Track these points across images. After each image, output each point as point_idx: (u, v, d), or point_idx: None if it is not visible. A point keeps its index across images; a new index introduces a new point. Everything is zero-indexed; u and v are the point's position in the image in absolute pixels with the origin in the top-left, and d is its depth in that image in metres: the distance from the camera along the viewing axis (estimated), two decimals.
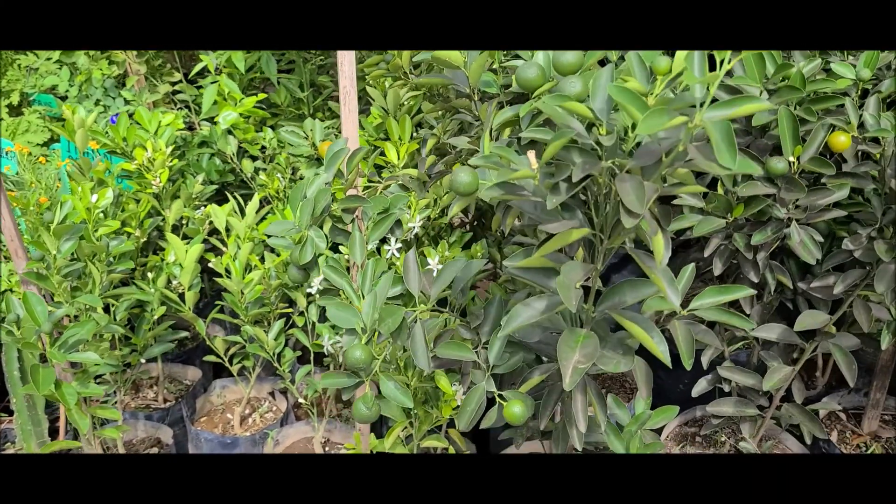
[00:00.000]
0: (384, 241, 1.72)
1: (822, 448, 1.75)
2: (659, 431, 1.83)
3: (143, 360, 1.82)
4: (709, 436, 1.81)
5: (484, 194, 0.94)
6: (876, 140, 1.24)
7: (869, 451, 1.77)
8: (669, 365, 0.98)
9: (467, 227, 2.11)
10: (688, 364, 1.04)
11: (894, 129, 1.14)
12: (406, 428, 1.57)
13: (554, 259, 0.98)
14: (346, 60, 1.36)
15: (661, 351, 0.99)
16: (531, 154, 0.87)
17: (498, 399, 1.16)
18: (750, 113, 0.81)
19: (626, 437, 1.31)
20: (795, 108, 1.21)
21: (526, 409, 1.15)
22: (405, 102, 1.91)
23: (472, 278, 1.22)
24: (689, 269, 1.12)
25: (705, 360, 1.59)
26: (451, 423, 1.64)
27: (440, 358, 1.21)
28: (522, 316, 1.01)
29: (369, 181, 1.75)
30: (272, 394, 2.07)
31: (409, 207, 1.74)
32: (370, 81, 1.88)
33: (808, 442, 1.60)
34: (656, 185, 0.88)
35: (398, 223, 1.29)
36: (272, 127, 2.21)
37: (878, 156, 1.22)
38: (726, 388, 1.58)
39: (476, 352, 1.19)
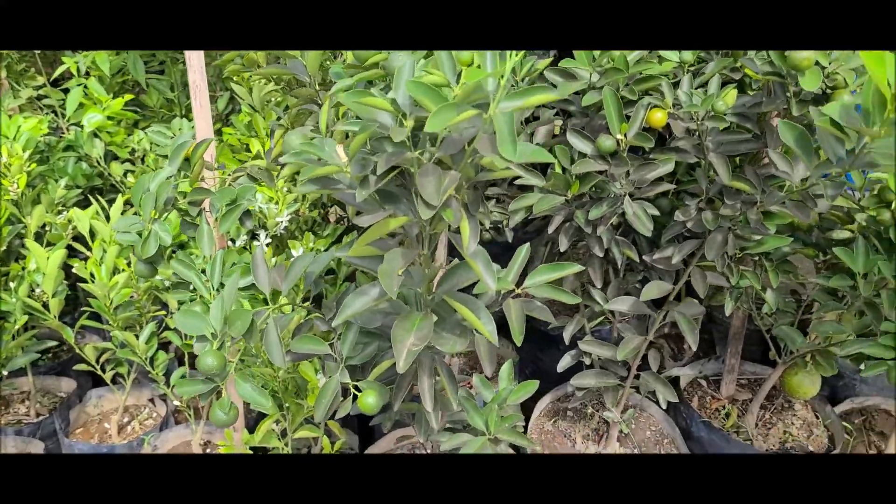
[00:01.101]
0: (255, 236, 1.72)
1: (682, 413, 1.86)
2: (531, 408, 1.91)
3: (5, 373, 1.76)
4: (578, 409, 1.89)
5: (300, 189, 0.96)
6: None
7: (724, 413, 1.90)
8: (495, 342, 1.04)
9: (346, 220, 2.13)
10: (518, 340, 1.09)
11: (703, 105, 1.23)
12: (280, 421, 1.59)
13: (380, 246, 1.01)
14: (194, 56, 1.35)
15: (489, 331, 1.03)
16: (339, 147, 0.90)
17: (353, 390, 1.19)
18: (539, 102, 0.86)
19: (486, 412, 1.37)
20: (621, 89, 1.29)
21: (379, 399, 1.19)
22: (272, 98, 1.91)
23: (322, 270, 1.24)
24: (524, 249, 1.18)
25: (567, 336, 1.67)
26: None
27: (297, 352, 1.22)
28: (356, 304, 1.04)
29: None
30: (152, 400, 2.03)
31: (276, 202, 1.74)
32: (233, 78, 1.87)
33: (664, 407, 1.70)
34: (462, 174, 0.93)
35: (248, 213, 1.29)
36: (144, 129, 2.17)
37: (698, 131, 1.31)
38: (587, 361, 1.66)
39: (332, 344, 1.21)
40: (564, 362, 1.68)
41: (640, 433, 1.84)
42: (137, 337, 1.74)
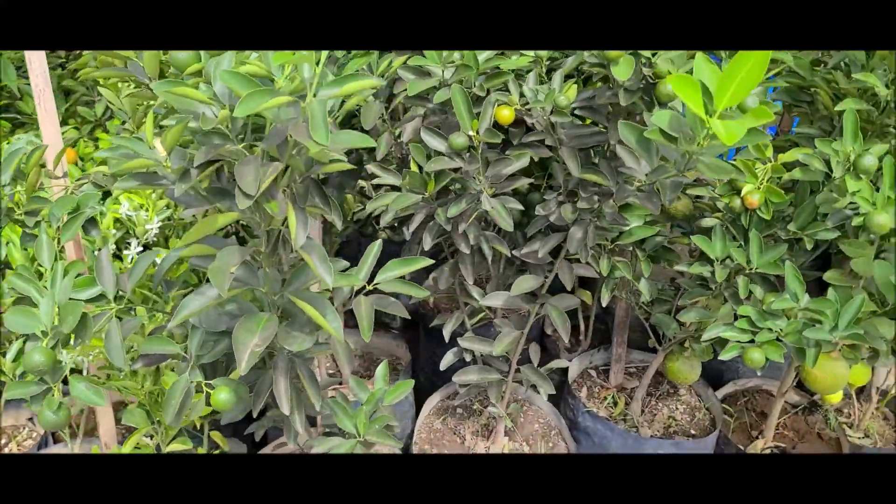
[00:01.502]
0: (126, 245, 1.66)
1: (569, 404, 1.89)
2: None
3: None
4: (468, 406, 1.90)
5: (117, 186, 0.93)
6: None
7: (609, 400, 1.94)
8: (341, 340, 1.02)
9: None
10: (367, 336, 1.09)
11: (546, 101, 1.25)
12: (154, 435, 1.53)
13: (215, 244, 0.99)
14: (35, 58, 1.30)
15: (335, 328, 1.02)
16: (157, 141, 0.88)
17: (205, 388, 1.15)
18: (356, 90, 0.85)
19: (356, 414, 1.35)
20: (474, 86, 1.30)
21: (234, 395, 1.16)
22: (145, 102, 1.85)
23: (167, 272, 1.21)
24: (375, 245, 1.17)
25: (447, 333, 1.67)
26: (215, 424, 1.61)
27: (149, 355, 1.18)
28: (193, 304, 1.01)
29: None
30: (31, 419, 1.94)
31: (146, 209, 1.69)
32: (100, 81, 1.80)
33: (545, 398, 1.72)
34: (292, 166, 0.92)
35: (93, 222, 1.24)
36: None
37: (550, 126, 1.33)
38: (468, 358, 1.67)
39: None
40: (447, 360, 1.68)
41: (529, 426, 1.86)
42: (4, 355, 1.66)
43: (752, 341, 1.39)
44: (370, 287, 1.15)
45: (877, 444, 1.97)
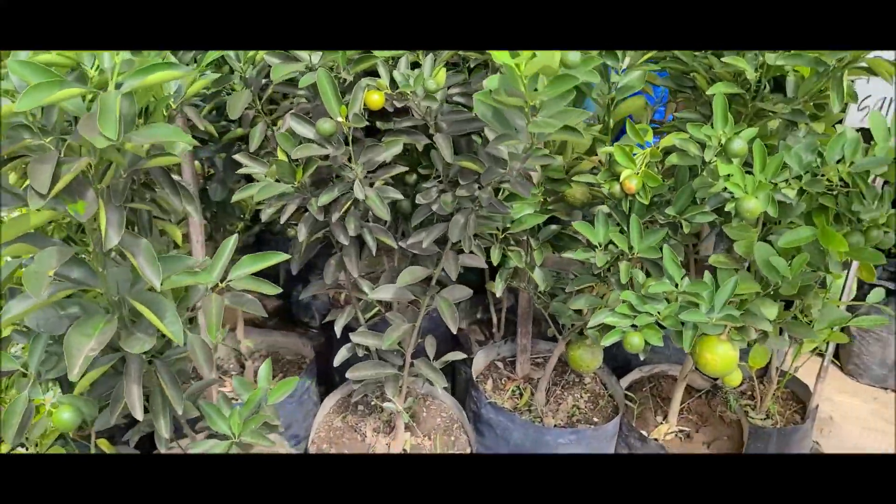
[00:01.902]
0: None
1: (473, 396, 1.87)
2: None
3: None
4: (369, 402, 1.86)
5: None
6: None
7: (511, 391, 1.92)
8: (181, 342, 0.97)
9: None
10: (213, 336, 1.04)
11: (415, 85, 1.22)
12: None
13: (37, 243, 0.93)
14: None
15: (173, 332, 0.97)
16: None
17: (48, 406, 1.10)
18: (162, 80, 0.81)
19: (231, 415, 1.31)
20: (343, 71, 1.26)
21: (77, 414, 1.10)
22: None
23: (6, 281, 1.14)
24: (231, 241, 1.13)
25: (338, 328, 1.63)
26: (100, 433, 1.54)
27: None
28: (16, 308, 0.95)
29: None
30: None
31: None
32: None
33: (440, 390, 1.70)
34: (105, 159, 0.86)
35: None
36: None
37: (429, 112, 1.30)
38: (360, 353, 1.63)
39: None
40: (341, 356, 1.64)
41: (431, 421, 1.84)
42: None
43: (634, 326, 1.39)
44: (223, 285, 1.10)
45: (777, 425, 2.00)
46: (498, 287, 1.66)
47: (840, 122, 1.63)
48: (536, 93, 0.98)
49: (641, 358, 1.56)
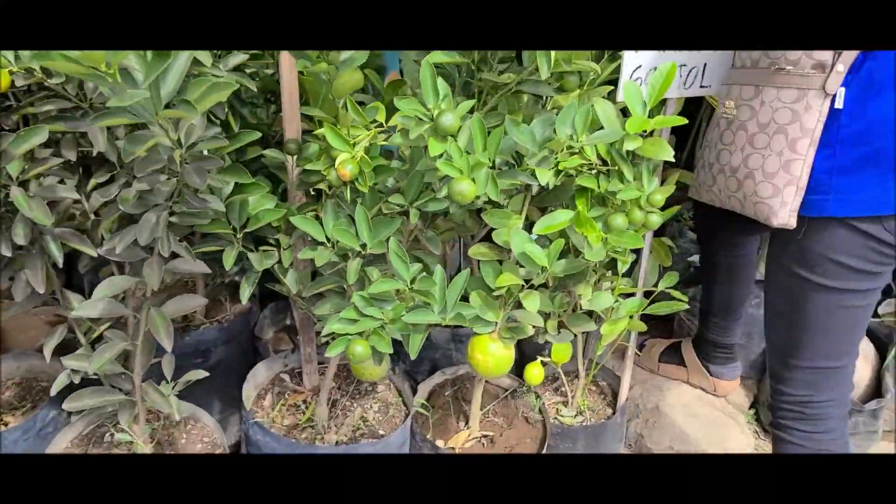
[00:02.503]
0: None
1: (241, 415, 1.67)
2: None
3: None
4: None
5: None
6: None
7: (296, 406, 1.74)
8: None
9: None
10: None
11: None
12: None
13: None
14: None
15: None
16: None
17: None
18: None
19: None
20: None
21: None
22: None
23: None
24: None
25: (47, 352, 1.41)
26: None
27: None
28: None
29: None
30: None
31: None
32: None
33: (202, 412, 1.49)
34: None
35: None
36: None
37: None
38: (76, 380, 1.41)
39: None
40: (59, 382, 1.41)
41: (191, 447, 1.63)
42: None
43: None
44: None
45: (588, 421, 1.88)
46: (244, 294, 1.47)
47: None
48: None
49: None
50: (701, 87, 1.54)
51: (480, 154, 1.15)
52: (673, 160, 1.34)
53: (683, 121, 1.34)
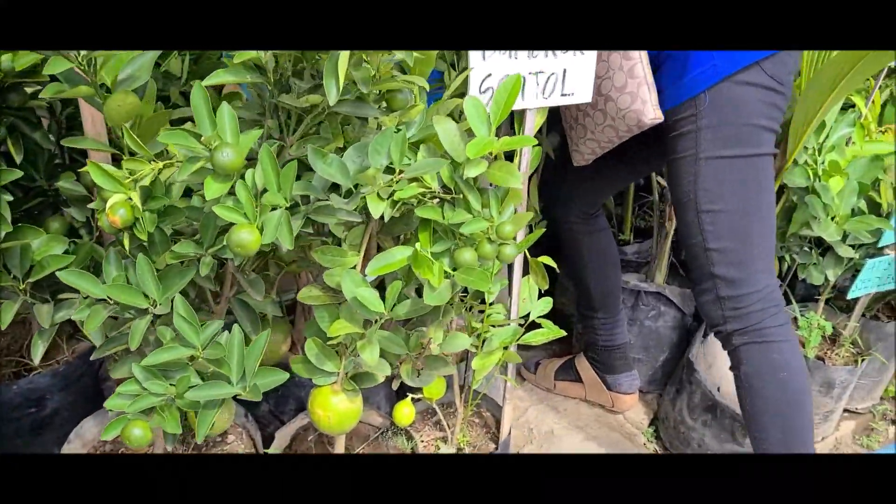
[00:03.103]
0: None
1: None
2: None
3: None
4: None
5: None
6: None
7: None
8: None
9: None
10: None
11: None
12: None
13: None
14: None
15: None
16: None
17: None
18: None
19: None
20: None
21: None
22: None
23: None
24: None
25: None
26: None
27: None
28: None
29: None
30: None
31: None
32: None
33: None
34: None
35: None
36: None
37: None
38: None
39: None
40: None
41: None
42: None
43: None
44: None
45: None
46: (35, 352, 1.25)
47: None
48: None
49: None
50: (563, 94, 1.38)
51: (274, 194, 0.95)
52: (520, 186, 1.17)
53: (533, 141, 1.18)
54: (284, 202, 0.95)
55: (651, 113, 1.36)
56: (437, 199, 1.18)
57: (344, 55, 0.87)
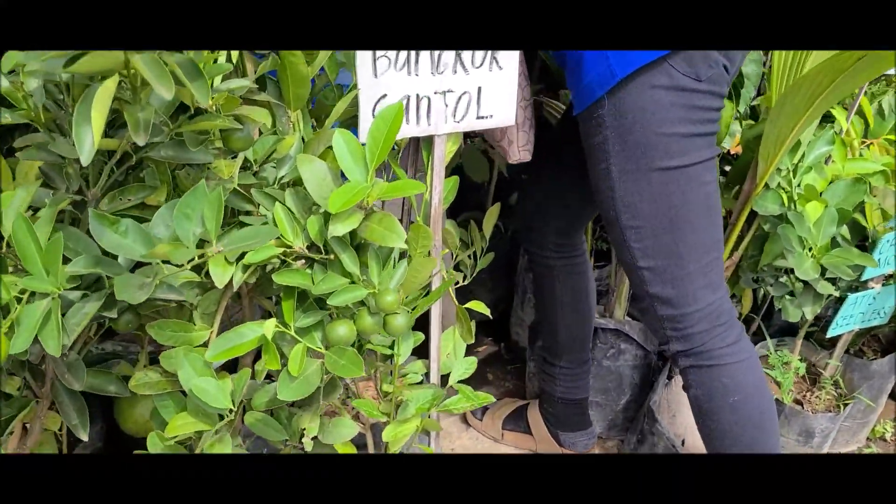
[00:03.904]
0: None
1: None
2: None
3: None
4: None
5: None
6: None
7: None
8: None
9: None
10: None
11: None
12: None
13: None
14: None
15: None
16: None
17: None
18: None
19: None
20: None
21: None
22: None
23: None
24: None
25: None
26: None
27: None
28: None
29: None
30: None
31: None
32: None
33: None
34: None
35: None
36: None
37: None
38: None
39: None
40: None
41: None
42: None
43: None
44: None
45: None
46: None
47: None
48: None
49: None
50: (479, 117, 1.13)
51: (40, 278, 0.69)
52: (405, 246, 0.92)
53: (422, 187, 0.93)
54: (54, 289, 0.69)
55: (516, 155, 1.32)
56: (303, 260, 0.93)
57: (105, 88, 0.61)
